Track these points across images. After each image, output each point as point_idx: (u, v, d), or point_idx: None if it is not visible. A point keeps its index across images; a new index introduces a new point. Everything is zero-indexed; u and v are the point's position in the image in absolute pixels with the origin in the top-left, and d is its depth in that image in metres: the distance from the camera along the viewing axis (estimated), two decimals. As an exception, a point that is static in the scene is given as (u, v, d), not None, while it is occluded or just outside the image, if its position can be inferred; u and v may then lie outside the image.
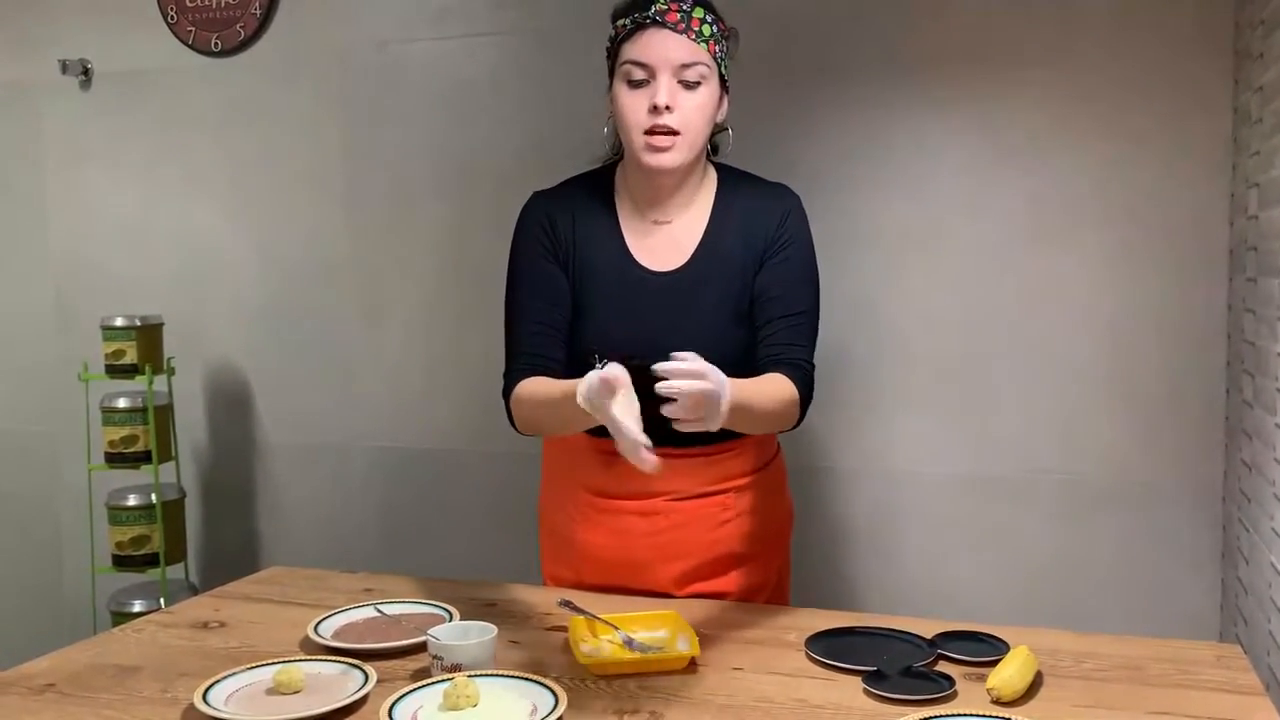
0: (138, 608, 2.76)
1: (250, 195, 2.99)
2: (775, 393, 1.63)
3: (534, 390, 1.66)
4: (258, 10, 2.92)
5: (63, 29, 3.11)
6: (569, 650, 1.52)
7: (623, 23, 1.69)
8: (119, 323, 2.79)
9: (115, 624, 2.52)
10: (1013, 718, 1.30)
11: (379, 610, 1.67)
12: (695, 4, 1.66)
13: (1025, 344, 2.40)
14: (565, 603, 1.67)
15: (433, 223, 2.83)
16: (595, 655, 1.49)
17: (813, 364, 1.72)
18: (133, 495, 2.81)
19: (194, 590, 2.84)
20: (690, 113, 1.65)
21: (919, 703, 1.35)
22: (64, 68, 3.08)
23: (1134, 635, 1.62)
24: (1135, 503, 2.35)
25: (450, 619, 1.63)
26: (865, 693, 1.39)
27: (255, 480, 3.06)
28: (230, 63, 2.98)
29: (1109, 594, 2.36)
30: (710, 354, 1.41)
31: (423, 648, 1.48)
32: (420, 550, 2.86)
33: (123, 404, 2.79)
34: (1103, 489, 2.37)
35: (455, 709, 1.30)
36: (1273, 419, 1.83)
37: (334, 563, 2.18)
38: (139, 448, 2.80)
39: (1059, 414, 2.39)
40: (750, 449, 1.83)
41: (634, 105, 1.66)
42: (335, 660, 1.48)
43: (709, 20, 1.67)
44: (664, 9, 1.64)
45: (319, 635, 1.57)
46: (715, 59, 1.67)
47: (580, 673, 1.45)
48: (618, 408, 1.34)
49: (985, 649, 1.51)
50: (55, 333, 3.19)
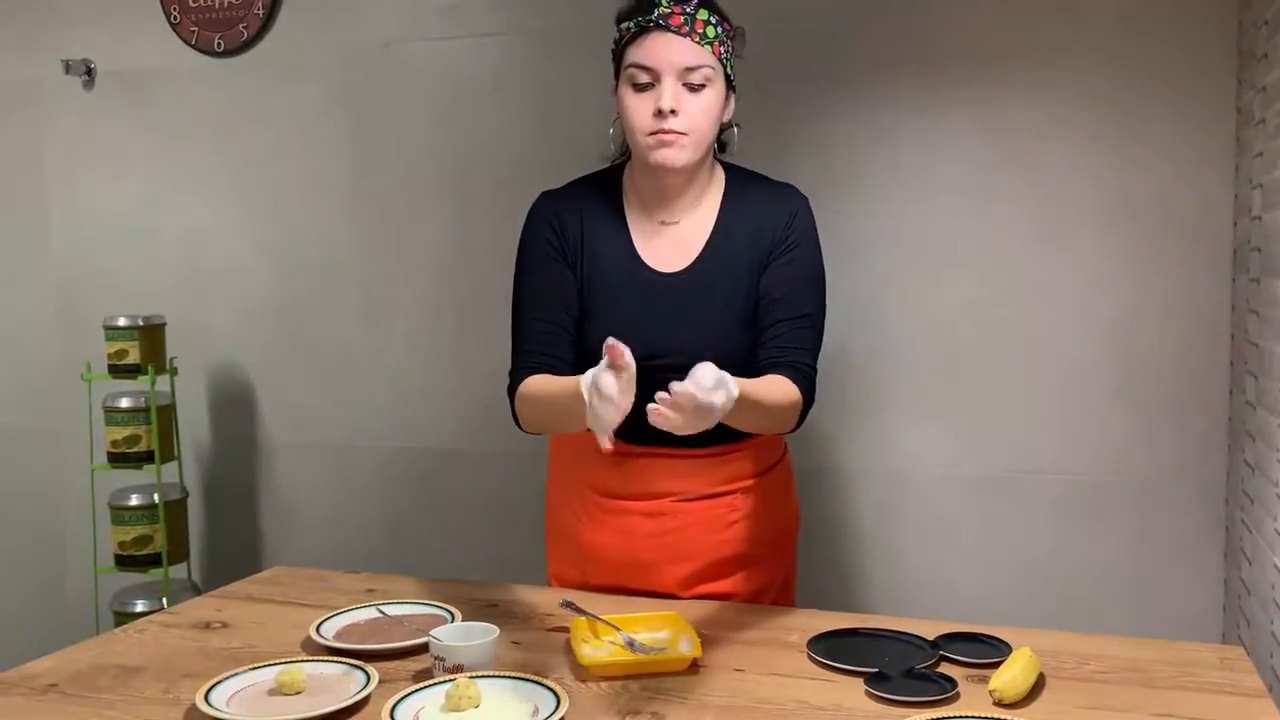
0: (140, 608, 2.77)
1: (253, 195, 2.99)
2: (777, 394, 1.62)
3: (539, 387, 1.65)
4: (260, 10, 2.92)
5: (66, 29, 3.12)
6: (571, 651, 1.52)
7: (626, 26, 1.68)
8: (121, 322, 2.79)
9: (118, 624, 2.53)
10: (1015, 719, 1.29)
11: (381, 611, 1.67)
12: (699, 5, 1.66)
13: (1028, 344, 2.39)
14: (567, 603, 1.67)
15: (435, 222, 2.83)
16: (597, 656, 1.49)
17: (815, 368, 1.71)
18: (135, 495, 2.81)
19: (196, 590, 2.84)
20: (696, 115, 1.65)
21: (921, 704, 1.35)
22: (67, 68, 3.08)
23: (1137, 637, 1.62)
24: (1138, 504, 2.35)
25: (452, 620, 1.63)
26: (867, 694, 1.39)
27: (258, 480, 3.06)
28: (233, 63, 2.98)
29: (1112, 595, 2.36)
30: (716, 354, 1.41)
31: (425, 648, 1.48)
32: (422, 550, 2.86)
33: (125, 404, 2.79)
34: (1105, 490, 2.37)
35: (457, 710, 1.30)
36: (1276, 420, 1.83)
37: (336, 562, 2.17)
38: (141, 448, 2.80)
39: (1062, 415, 2.38)
40: (758, 450, 1.82)
41: (639, 109, 1.66)
42: (337, 661, 1.48)
43: (713, 21, 1.66)
44: (667, 12, 1.64)
45: (321, 636, 1.57)
46: (720, 60, 1.67)
47: (582, 674, 1.45)
48: (611, 385, 1.32)
49: (987, 650, 1.51)
50: (58, 332, 3.20)
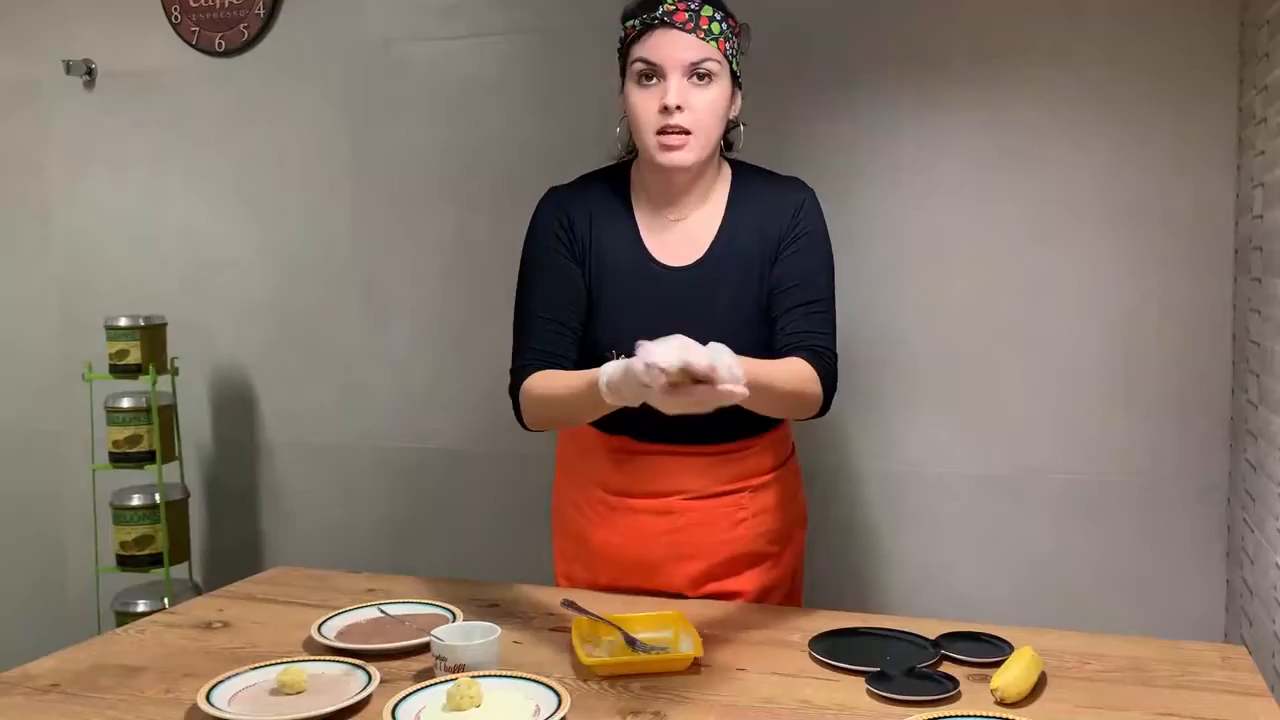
0: (141, 608, 2.76)
1: (255, 195, 2.99)
2: (792, 373, 1.61)
3: (547, 382, 1.65)
4: (261, 10, 2.92)
5: (67, 29, 3.12)
6: (572, 651, 1.52)
7: (632, 24, 1.69)
8: (123, 322, 2.79)
9: (119, 624, 2.53)
10: (1016, 719, 1.29)
11: (383, 611, 1.67)
12: (704, 2, 1.66)
13: (1030, 343, 2.39)
14: (568, 603, 1.67)
15: (438, 222, 2.83)
16: (598, 656, 1.49)
17: (835, 352, 1.71)
18: (136, 495, 2.81)
19: (198, 590, 2.84)
20: (701, 112, 1.65)
21: (923, 704, 1.35)
22: (68, 68, 3.08)
23: (1138, 636, 1.62)
24: (1140, 503, 2.35)
25: (454, 619, 1.63)
26: (869, 693, 1.39)
27: (259, 480, 3.06)
28: (234, 62, 2.98)
29: (1113, 594, 2.36)
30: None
31: (426, 648, 1.48)
32: (424, 550, 2.86)
33: (126, 404, 2.79)
34: (1107, 489, 2.37)
35: (458, 709, 1.30)
36: (1278, 419, 1.83)
37: (338, 563, 2.18)
38: (143, 448, 2.80)
39: (1064, 413, 2.38)
40: (766, 448, 1.83)
41: (645, 105, 1.66)
42: (339, 660, 1.48)
43: (718, 18, 1.66)
44: (672, 9, 1.64)
45: (322, 635, 1.57)
46: (726, 56, 1.67)
47: (584, 673, 1.45)
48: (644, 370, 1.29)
49: (989, 650, 1.51)
50: (59, 332, 3.20)
